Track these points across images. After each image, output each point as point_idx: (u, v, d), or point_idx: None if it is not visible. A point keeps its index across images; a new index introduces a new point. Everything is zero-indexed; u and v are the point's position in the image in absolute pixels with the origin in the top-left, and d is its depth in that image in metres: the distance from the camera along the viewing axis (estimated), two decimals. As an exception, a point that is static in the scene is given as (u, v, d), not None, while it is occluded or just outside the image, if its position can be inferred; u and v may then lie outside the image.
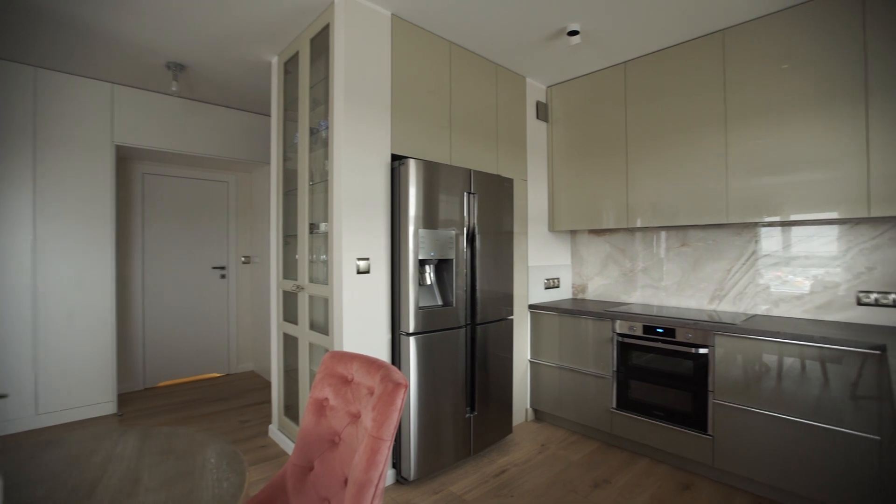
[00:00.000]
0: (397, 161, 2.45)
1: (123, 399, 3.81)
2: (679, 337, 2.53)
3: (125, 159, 3.99)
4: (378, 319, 2.41)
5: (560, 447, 2.88)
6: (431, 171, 2.46)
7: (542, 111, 3.51)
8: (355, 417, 1.33)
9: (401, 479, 2.42)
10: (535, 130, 3.47)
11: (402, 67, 2.53)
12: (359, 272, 2.31)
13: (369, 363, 1.32)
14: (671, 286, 3.15)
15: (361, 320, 2.33)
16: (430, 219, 2.44)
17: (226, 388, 4.17)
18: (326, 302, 2.45)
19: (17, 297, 3.10)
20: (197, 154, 3.86)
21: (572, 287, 3.74)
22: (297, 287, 2.66)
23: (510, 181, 2.94)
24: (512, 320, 2.96)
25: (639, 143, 2.99)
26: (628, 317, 2.77)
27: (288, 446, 2.79)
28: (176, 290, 4.31)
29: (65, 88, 3.26)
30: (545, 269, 3.50)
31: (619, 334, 2.79)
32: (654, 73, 2.92)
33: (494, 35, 2.72)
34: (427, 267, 2.52)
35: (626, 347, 2.77)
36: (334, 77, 2.35)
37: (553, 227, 3.53)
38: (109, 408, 3.46)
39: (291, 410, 2.89)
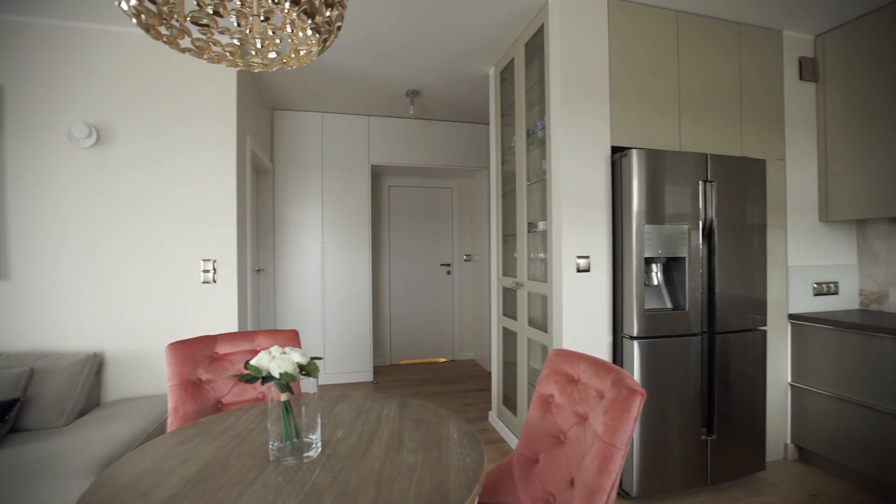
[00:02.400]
0: (618, 153, 2.30)
1: (376, 371, 4.68)
2: None
3: (376, 175, 4.91)
4: (598, 320, 2.31)
5: None
6: (657, 161, 2.22)
7: (808, 68, 2.76)
8: (582, 418, 1.30)
9: (622, 493, 2.27)
10: (797, 95, 2.76)
11: (620, 52, 2.37)
12: (578, 270, 2.27)
13: (598, 365, 1.28)
14: None
15: (581, 320, 2.28)
16: (656, 213, 2.21)
17: (451, 372, 4.68)
18: (545, 299, 2.49)
19: (313, 286, 4.17)
20: (428, 165, 4.46)
21: (859, 294, 2.83)
22: (517, 284, 2.78)
23: (760, 163, 2.42)
24: (765, 332, 2.43)
25: None
26: (971, 340, 1.93)
27: (506, 433, 2.95)
28: (413, 283, 5.07)
29: (339, 125, 4.22)
30: (814, 270, 2.75)
31: (953, 364, 1.97)
32: None
33: (739, -10, 2.28)
34: (654, 266, 2.29)
35: (965, 384, 1.94)
36: (550, 75, 2.36)
37: (828, 217, 2.74)
38: (368, 376, 4.31)
39: (510, 401, 3.04)
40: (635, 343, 2.18)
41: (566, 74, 2.29)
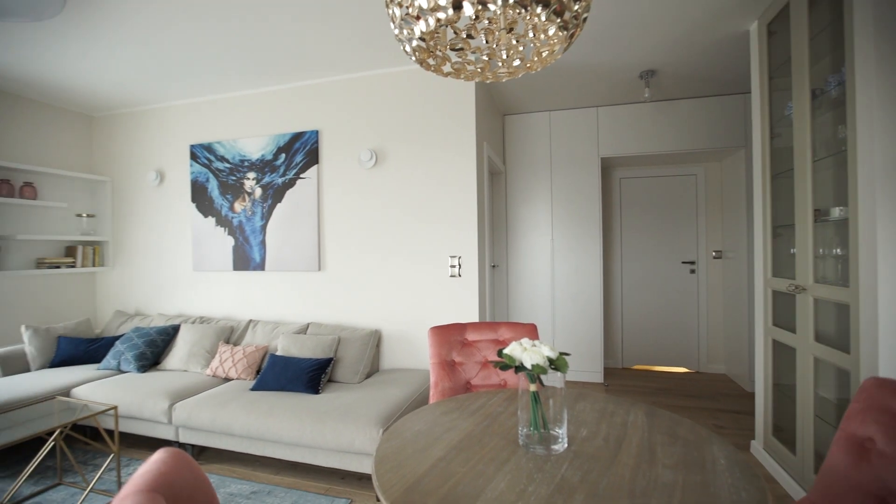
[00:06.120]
0: None
1: (607, 373, 4.46)
2: None
3: (606, 168, 4.67)
4: (945, 343, 1.63)
5: None
6: None
7: None
8: (930, 479, 0.93)
9: None
10: None
11: None
12: (907, 272, 1.64)
13: (962, 408, 0.89)
14: None
15: (910, 340, 1.65)
16: None
17: (695, 385, 4.08)
18: (844, 309, 1.90)
19: (543, 282, 4.27)
20: (665, 152, 3.99)
21: None
22: (795, 287, 2.21)
23: None
24: None
25: None
26: None
27: (777, 472, 2.38)
28: (648, 282, 4.63)
29: (566, 121, 4.19)
30: None
31: None
32: None
33: None
34: None
35: None
36: (855, 4, 1.78)
37: None
38: (598, 377, 4.15)
39: (784, 433, 2.44)
40: None
41: None
